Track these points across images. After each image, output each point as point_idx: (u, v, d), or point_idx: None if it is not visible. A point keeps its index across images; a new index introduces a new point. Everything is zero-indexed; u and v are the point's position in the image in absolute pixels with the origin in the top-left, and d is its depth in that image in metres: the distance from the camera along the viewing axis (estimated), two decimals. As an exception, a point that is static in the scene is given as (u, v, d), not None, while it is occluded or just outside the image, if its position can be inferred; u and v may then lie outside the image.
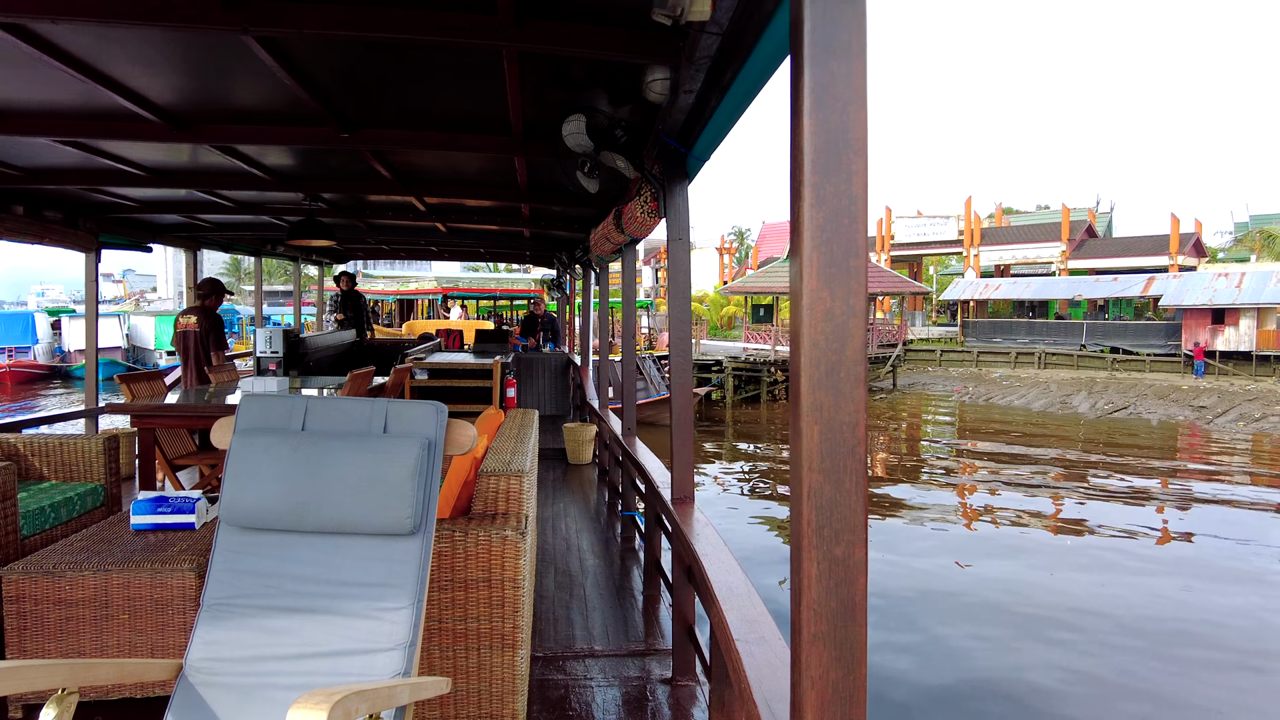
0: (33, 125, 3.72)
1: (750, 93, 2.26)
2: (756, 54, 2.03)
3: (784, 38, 1.87)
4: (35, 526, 3.81)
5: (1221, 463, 17.52)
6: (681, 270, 3.09)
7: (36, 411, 18.39)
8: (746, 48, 2.04)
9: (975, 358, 32.93)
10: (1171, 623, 8.83)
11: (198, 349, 6.76)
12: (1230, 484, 15.48)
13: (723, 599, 2.03)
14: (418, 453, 1.97)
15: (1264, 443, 19.73)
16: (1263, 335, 27.69)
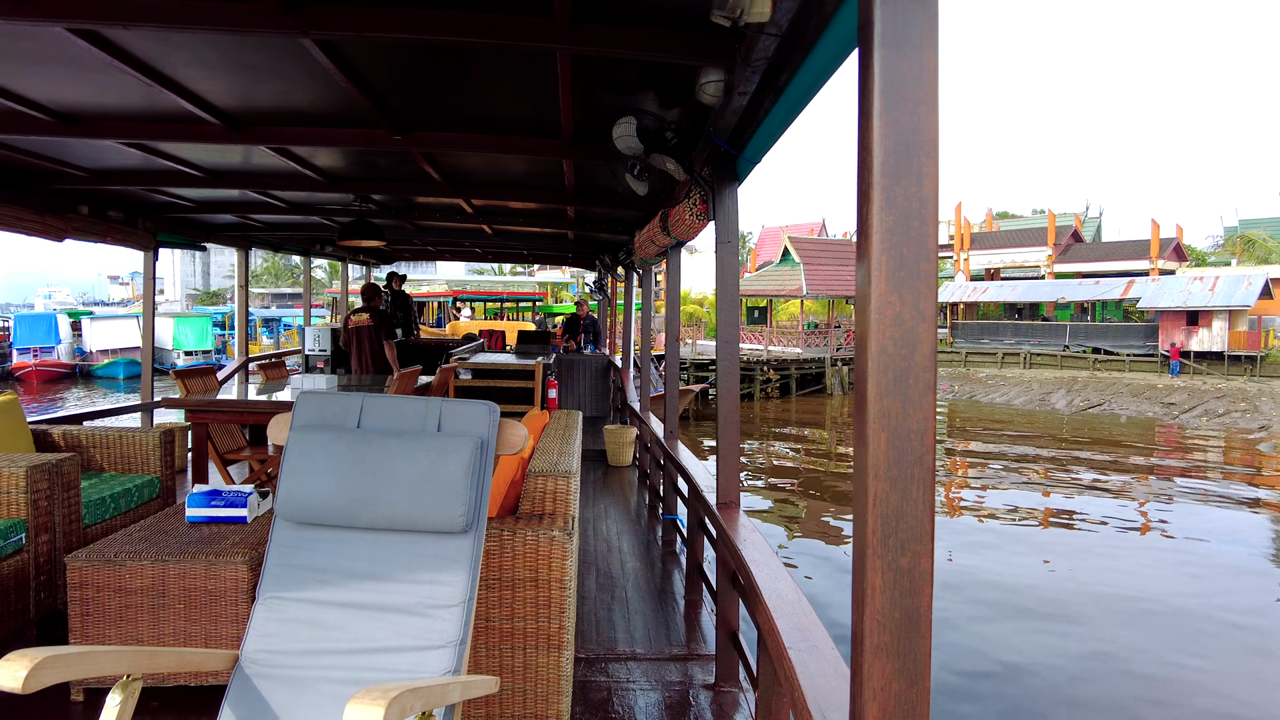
0: (101, 128, 3.83)
1: (807, 94, 2.24)
2: (815, 55, 2.01)
3: (844, 39, 1.85)
4: (96, 516, 3.91)
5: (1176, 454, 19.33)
6: (730, 274, 3.07)
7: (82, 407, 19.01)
8: (805, 49, 2.02)
9: (964, 358, 34.28)
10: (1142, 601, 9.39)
11: (371, 342, 7.48)
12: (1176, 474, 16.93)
13: (773, 606, 2.01)
14: (471, 452, 1.98)
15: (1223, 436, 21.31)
16: (1234, 336, 29.02)
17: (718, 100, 2.59)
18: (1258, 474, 16.95)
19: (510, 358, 9.63)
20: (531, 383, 8.73)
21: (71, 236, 5.82)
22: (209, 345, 33.70)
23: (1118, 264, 36.85)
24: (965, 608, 8.93)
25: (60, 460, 3.58)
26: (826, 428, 23.25)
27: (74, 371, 30.68)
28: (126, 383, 30.39)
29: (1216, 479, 16.24)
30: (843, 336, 30.67)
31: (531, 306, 33.48)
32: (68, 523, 3.65)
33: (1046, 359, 32.18)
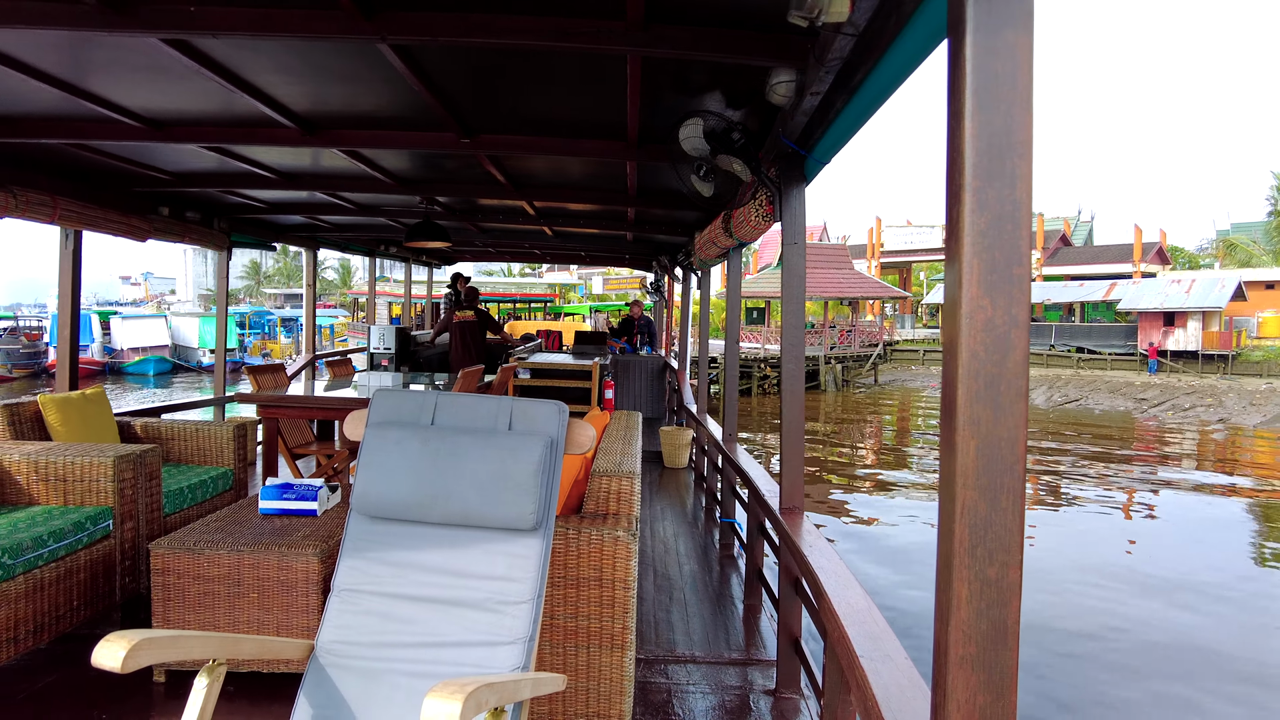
0: (185, 133, 3.99)
1: (882, 94, 2.20)
2: (891, 55, 1.98)
3: (923, 39, 1.82)
4: (174, 505, 4.07)
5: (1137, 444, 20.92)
6: (796, 276, 3.04)
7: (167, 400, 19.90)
8: (881, 49, 1.99)
9: None
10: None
11: (473, 336, 8.60)
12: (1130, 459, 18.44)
13: (842, 614, 1.98)
14: (541, 451, 2.00)
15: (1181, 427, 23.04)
16: (1207, 336, 30.50)
17: (788, 100, 2.57)
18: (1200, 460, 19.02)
19: (567, 358, 9.71)
20: (589, 383, 8.79)
21: (154, 237, 6.07)
22: (233, 343, 34.96)
23: (1103, 267, 38.63)
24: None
25: (144, 451, 3.73)
26: (821, 420, 24.76)
27: (104, 369, 32.15)
28: (156, 379, 32.03)
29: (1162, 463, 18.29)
30: (836, 336, 32.71)
31: (543, 307, 34.33)
32: (150, 511, 3.80)
33: (1034, 357, 33.13)
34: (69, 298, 5.46)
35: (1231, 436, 21.39)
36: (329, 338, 38.94)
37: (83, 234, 5.40)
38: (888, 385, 32.45)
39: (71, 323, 5.46)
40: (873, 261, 45.45)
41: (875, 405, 27.80)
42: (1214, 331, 30.71)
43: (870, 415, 25.90)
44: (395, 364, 7.68)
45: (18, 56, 2.99)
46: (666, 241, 8.24)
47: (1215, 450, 19.98)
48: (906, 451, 19.91)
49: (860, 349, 34.06)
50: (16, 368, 30.07)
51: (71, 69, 3.21)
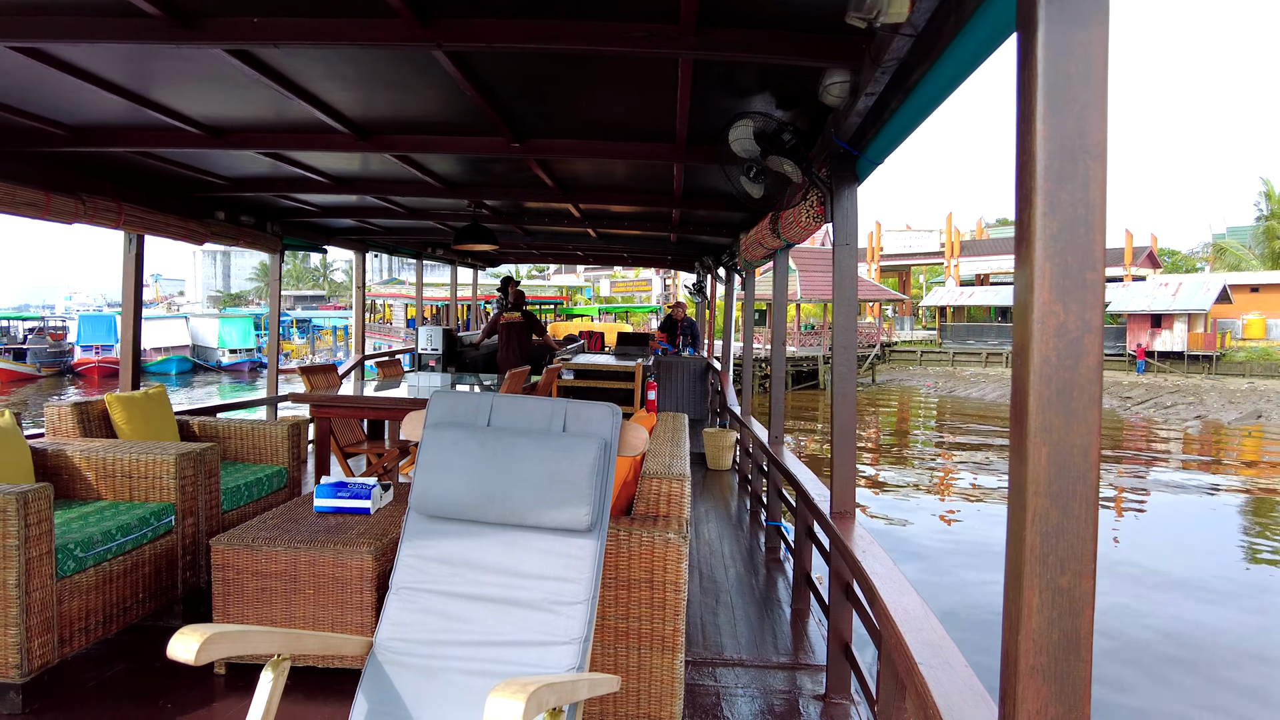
0: (243, 139, 4.09)
1: (939, 95, 2.18)
2: (949, 56, 1.95)
3: (985, 39, 1.79)
4: (232, 502, 4.18)
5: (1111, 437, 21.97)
6: (848, 276, 3.01)
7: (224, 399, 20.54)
8: (939, 49, 1.97)
9: (951, 357, 37.01)
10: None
11: (520, 337, 8.87)
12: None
13: (899, 620, 1.96)
14: (596, 452, 2.02)
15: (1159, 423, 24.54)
16: (1193, 337, 31.77)
17: (841, 101, 2.55)
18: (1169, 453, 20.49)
19: (610, 359, 9.76)
20: (631, 384, 8.82)
21: (210, 240, 6.25)
22: (251, 344, 36.47)
23: None
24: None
25: (203, 449, 3.84)
26: (818, 419, 26.09)
27: None
28: (178, 378, 33.30)
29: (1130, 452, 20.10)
30: (835, 337, 35.11)
31: (554, 309, 34.89)
32: (209, 507, 3.91)
33: None
34: (131, 300, 5.64)
35: (1206, 433, 22.78)
36: (344, 339, 39.94)
37: (144, 238, 5.58)
38: (885, 385, 33.95)
39: (134, 324, 5.64)
40: (872, 265, 46.52)
41: (874, 404, 29.04)
42: (1199, 333, 31.97)
43: (869, 414, 26.84)
44: (443, 365, 7.79)
45: (90, 69, 3.10)
46: (710, 243, 8.23)
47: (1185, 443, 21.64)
48: (907, 450, 20.76)
49: (859, 349, 35.10)
50: (45, 366, 31.46)
51: (138, 80, 3.32)
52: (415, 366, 8.07)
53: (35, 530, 2.81)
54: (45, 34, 2.61)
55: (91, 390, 28.96)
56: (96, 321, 34.13)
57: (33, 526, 2.80)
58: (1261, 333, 33.39)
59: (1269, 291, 34.68)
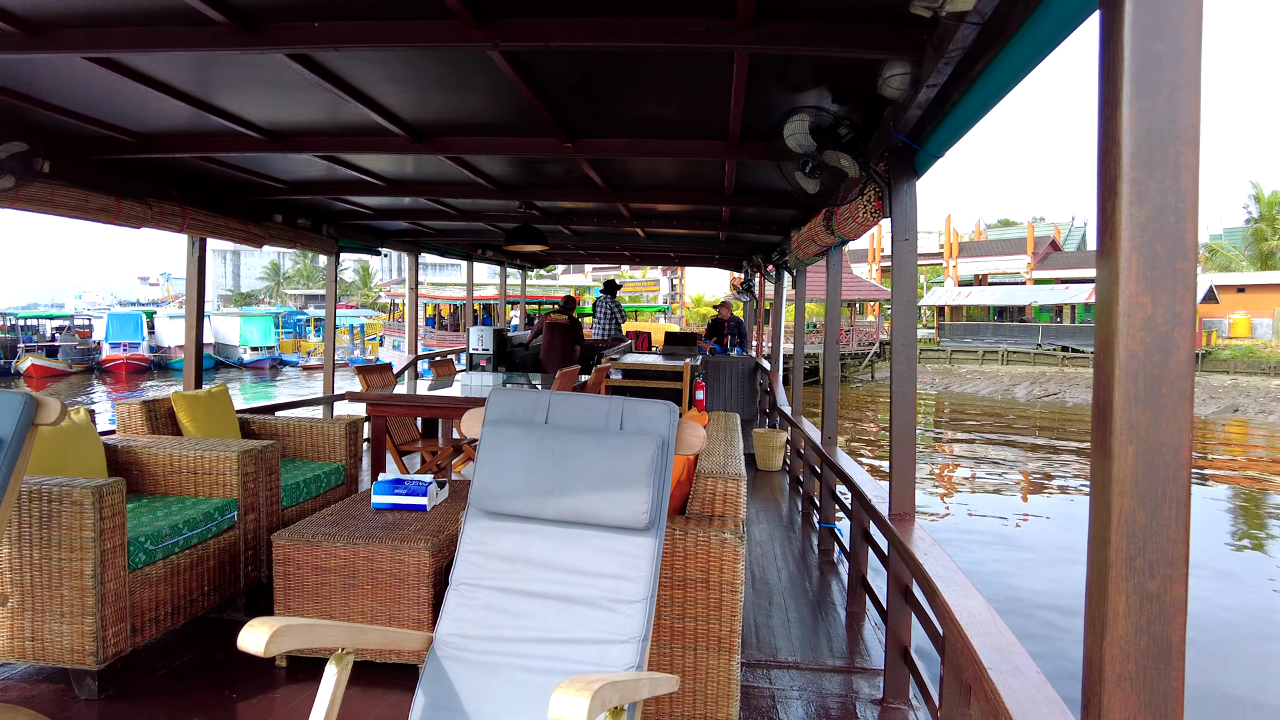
0: (302, 143, 4.18)
1: (1005, 85, 2.11)
2: (1016, 44, 1.90)
3: (1055, 26, 1.73)
4: (291, 499, 4.27)
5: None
6: (908, 273, 2.95)
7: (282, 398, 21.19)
8: (1006, 36, 1.91)
9: (949, 355, 37.60)
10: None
11: (563, 339, 9.28)
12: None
13: (965, 624, 1.91)
14: (654, 450, 2.01)
15: None
16: None
17: (901, 94, 2.50)
18: None
19: (658, 358, 9.74)
20: (679, 384, 8.78)
21: (269, 243, 6.40)
22: (272, 341, 37.72)
23: (1090, 271, 40.15)
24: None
25: (264, 446, 3.93)
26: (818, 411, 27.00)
27: (151, 365, 34.67)
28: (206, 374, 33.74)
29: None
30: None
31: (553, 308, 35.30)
32: (270, 503, 4.01)
33: (1022, 356, 35.73)
34: (195, 301, 5.81)
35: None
36: (359, 337, 40.82)
37: (206, 241, 5.74)
38: (885, 381, 34.34)
39: (197, 324, 5.80)
40: (873, 265, 47.62)
41: (875, 400, 29.22)
42: None
43: (869, 410, 26.96)
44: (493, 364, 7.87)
45: (158, 77, 3.20)
46: (759, 240, 8.16)
47: None
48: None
49: (858, 347, 36.06)
50: (75, 363, 32.72)
51: (201, 86, 3.41)
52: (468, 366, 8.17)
53: (109, 523, 2.91)
54: (119, 44, 2.69)
55: (119, 387, 30.12)
56: (124, 320, 35.45)
57: (107, 520, 2.90)
58: (1247, 331, 34.22)
59: (1254, 291, 35.68)
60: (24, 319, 35.77)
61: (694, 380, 8.77)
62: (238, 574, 3.75)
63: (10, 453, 2.56)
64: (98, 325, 36.22)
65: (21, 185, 3.74)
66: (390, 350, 33.06)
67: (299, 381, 33.32)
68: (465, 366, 8.62)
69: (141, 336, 34.58)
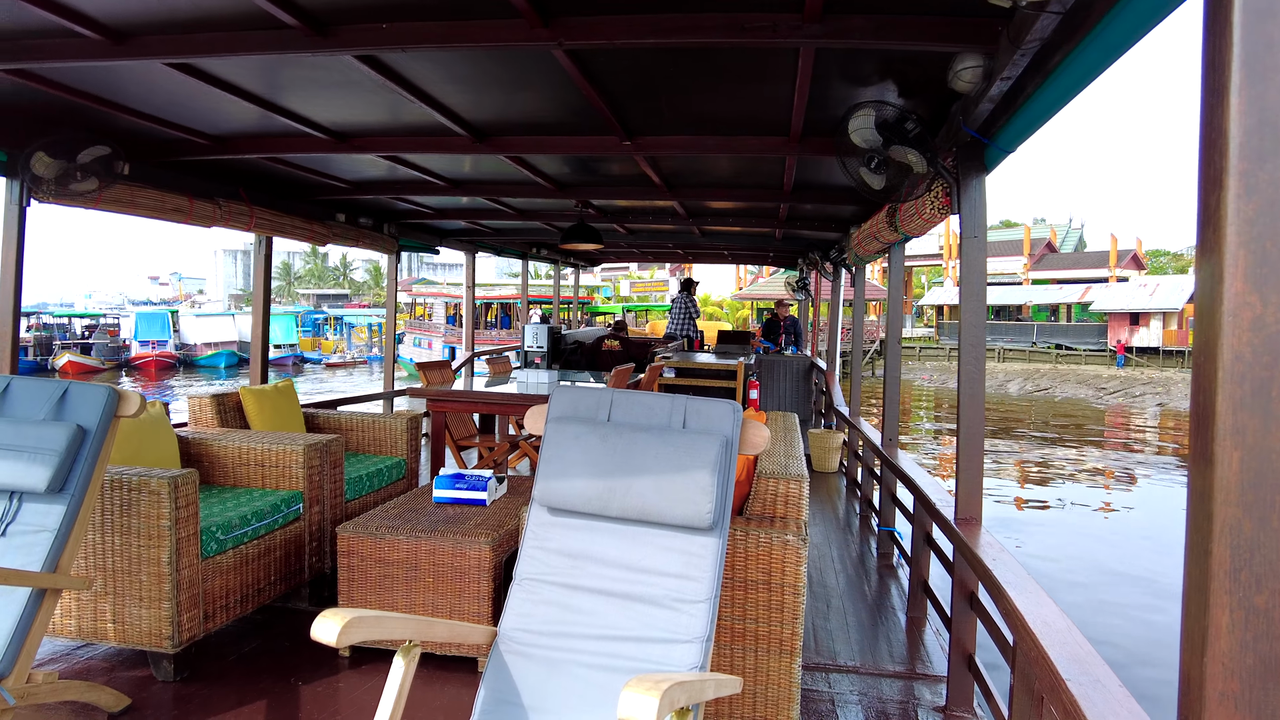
0: (366, 144, 4.26)
1: (1084, 78, 2.04)
2: (1100, 33, 1.83)
3: (1148, 11, 1.67)
4: (354, 492, 4.36)
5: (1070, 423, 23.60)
6: (977, 271, 2.87)
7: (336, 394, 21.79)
8: (1089, 26, 1.85)
9: (947, 353, 39.62)
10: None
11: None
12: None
13: (1039, 633, 1.85)
14: (718, 450, 1.99)
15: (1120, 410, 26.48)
16: (1168, 334, 34.74)
17: (973, 87, 2.43)
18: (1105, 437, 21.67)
19: (711, 357, 9.70)
20: (733, 383, 8.73)
21: (332, 242, 6.55)
22: (294, 339, 38.95)
23: (1083, 272, 43.01)
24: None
25: (329, 440, 4.02)
26: None
27: (177, 362, 35.93)
28: (227, 370, 35.59)
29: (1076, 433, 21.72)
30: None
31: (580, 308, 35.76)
32: (334, 496, 4.10)
33: (1018, 353, 37.80)
34: (261, 299, 5.97)
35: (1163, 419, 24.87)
36: (377, 335, 42.17)
37: (272, 240, 5.90)
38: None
39: (264, 321, 5.97)
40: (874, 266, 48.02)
41: (875, 396, 30.10)
42: (1173, 330, 34.76)
43: (874, 405, 27.60)
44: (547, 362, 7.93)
45: (231, 80, 3.29)
46: (815, 238, 8.06)
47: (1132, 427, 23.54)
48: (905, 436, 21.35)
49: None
50: (107, 361, 34.01)
51: (270, 89, 3.49)
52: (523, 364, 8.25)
53: (184, 513, 3.01)
54: (197, 50, 2.78)
55: (149, 383, 31.36)
56: (151, 319, 36.87)
57: (182, 509, 3.00)
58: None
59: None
60: (56, 318, 37.38)
61: (748, 379, 8.71)
62: (302, 564, 3.84)
63: (96, 443, 2.66)
64: (124, 324, 37.67)
65: (104, 187, 3.89)
66: (412, 347, 34.04)
67: (321, 379, 34.38)
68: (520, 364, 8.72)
69: (168, 334, 36.03)
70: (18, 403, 2.78)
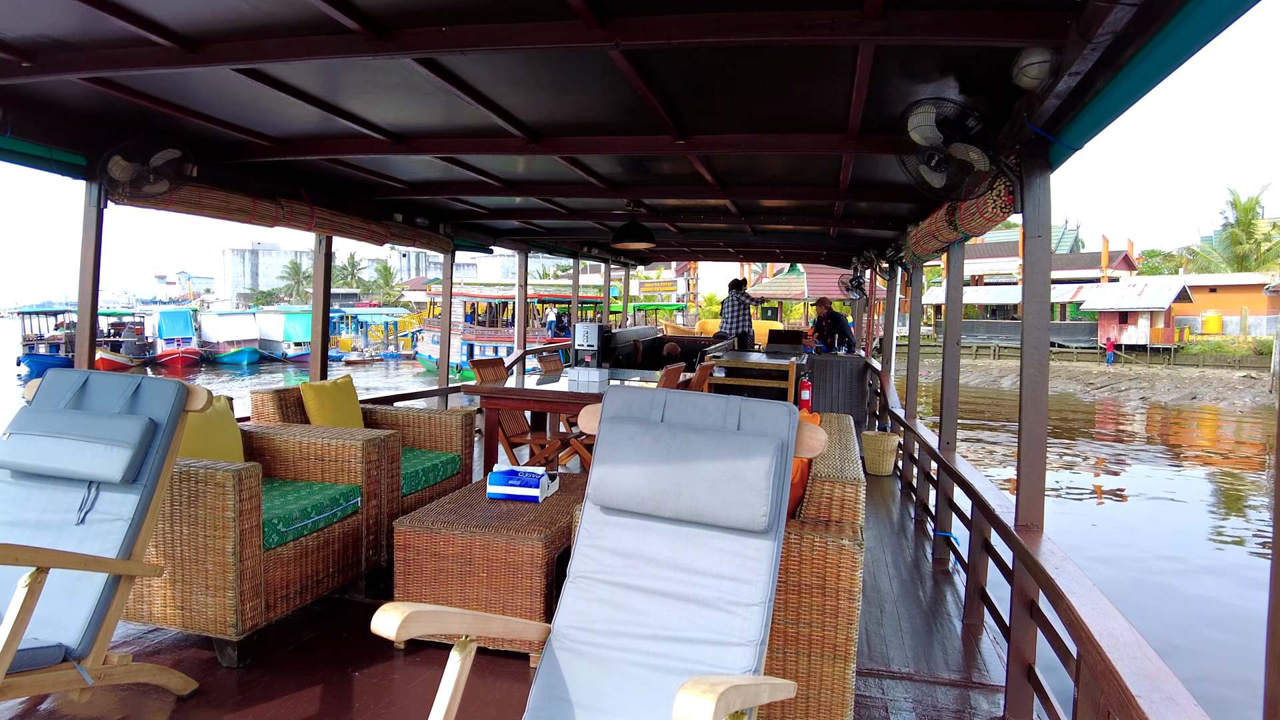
0: (424, 145, 4.33)
1: (1158, 71, 1.96)
2: (1179, 24, 1.76)
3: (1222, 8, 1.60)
4: (410, 486, 4.44)
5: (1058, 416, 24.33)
6: (1041, 272, 2.80)
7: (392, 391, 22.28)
8: (1166, 17, 1.78)
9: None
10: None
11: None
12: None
13: (1106, 645, 1.79)
14: (774, 452, 1.97)
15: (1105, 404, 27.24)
16: (1154, 332, 36.07)
17: (1039, 83, 2.37)
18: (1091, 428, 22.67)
19: (762, 357, 9.63)
20: (784, 383, 8.66)
21: (390, 241, 6.68)
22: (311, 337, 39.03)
23: (1077, 272, 43.49)
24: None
25: (386, 436, 4.10)
26: None
27: (200, 359, 36.96)
28: (249, 367, 36.67)
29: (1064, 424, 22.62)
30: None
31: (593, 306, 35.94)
32: (390, 490, 4.17)
33: (1012, 351, 38.49)
34: (321, 298, 6.12)
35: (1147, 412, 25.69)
36: (393, 333, 43.34)
37: (331, 240, 6.04)
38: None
39: (324, 319, 6.12)
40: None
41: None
42: (1159, 328, 36.11)
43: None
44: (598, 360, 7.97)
45: (294, 84, 3.38)
46: (870, 236, 7.94)
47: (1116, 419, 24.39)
48: None
49: None
50: (134, 358, 35.27)
51: (330, 91, 3.57)
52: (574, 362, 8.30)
53: (247, 505, 3.10)
54: (263, 55, 2.85)
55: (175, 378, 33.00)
56: (175, 317, 38.25)
57: (245, 501, 3.09)
58: (1218, 328, 37.26)
59: (1225, 292, 38.62)
60: None
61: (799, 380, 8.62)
62: (359, 557, 3.92)
63: (166, 435, 2.76)
64: (147, 322, 39.05)
65: (174, 189, 4.03)
66: (429, 345, 34.78)
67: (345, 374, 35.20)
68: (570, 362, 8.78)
69: (192, 332, 37.36)
70: (96, 396, 2.90)
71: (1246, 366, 32.29)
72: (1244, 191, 45.09)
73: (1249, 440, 20.43)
